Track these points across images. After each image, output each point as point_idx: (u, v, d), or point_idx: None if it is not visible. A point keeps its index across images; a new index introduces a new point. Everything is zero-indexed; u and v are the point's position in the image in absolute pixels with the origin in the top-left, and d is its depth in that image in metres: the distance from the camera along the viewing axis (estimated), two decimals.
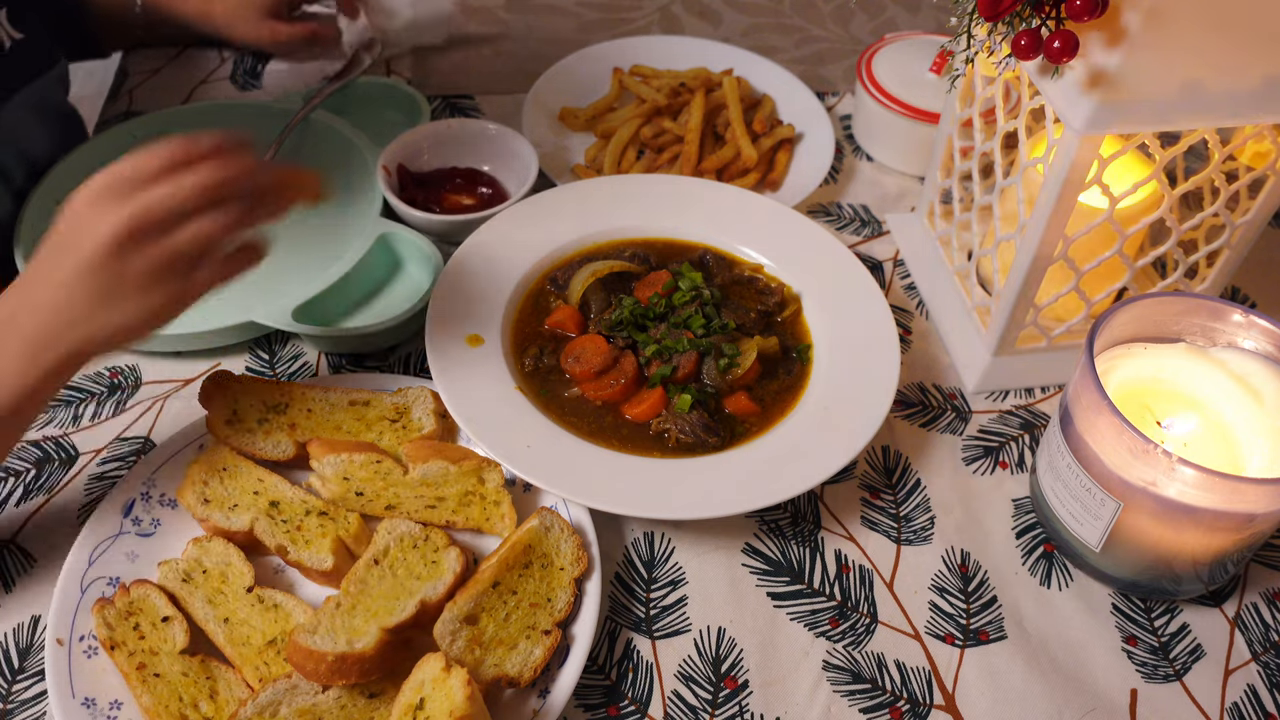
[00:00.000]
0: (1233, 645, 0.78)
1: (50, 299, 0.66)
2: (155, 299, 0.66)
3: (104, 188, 0.65)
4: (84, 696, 0.69)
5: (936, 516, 0.85)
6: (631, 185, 1.04)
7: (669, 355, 0.88)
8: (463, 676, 0.64)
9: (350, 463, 0.79)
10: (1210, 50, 0.72)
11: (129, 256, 0.65)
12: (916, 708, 0.74)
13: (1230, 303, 0.78)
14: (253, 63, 1.27)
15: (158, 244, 0.65)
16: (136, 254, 0.65)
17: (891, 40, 1.18)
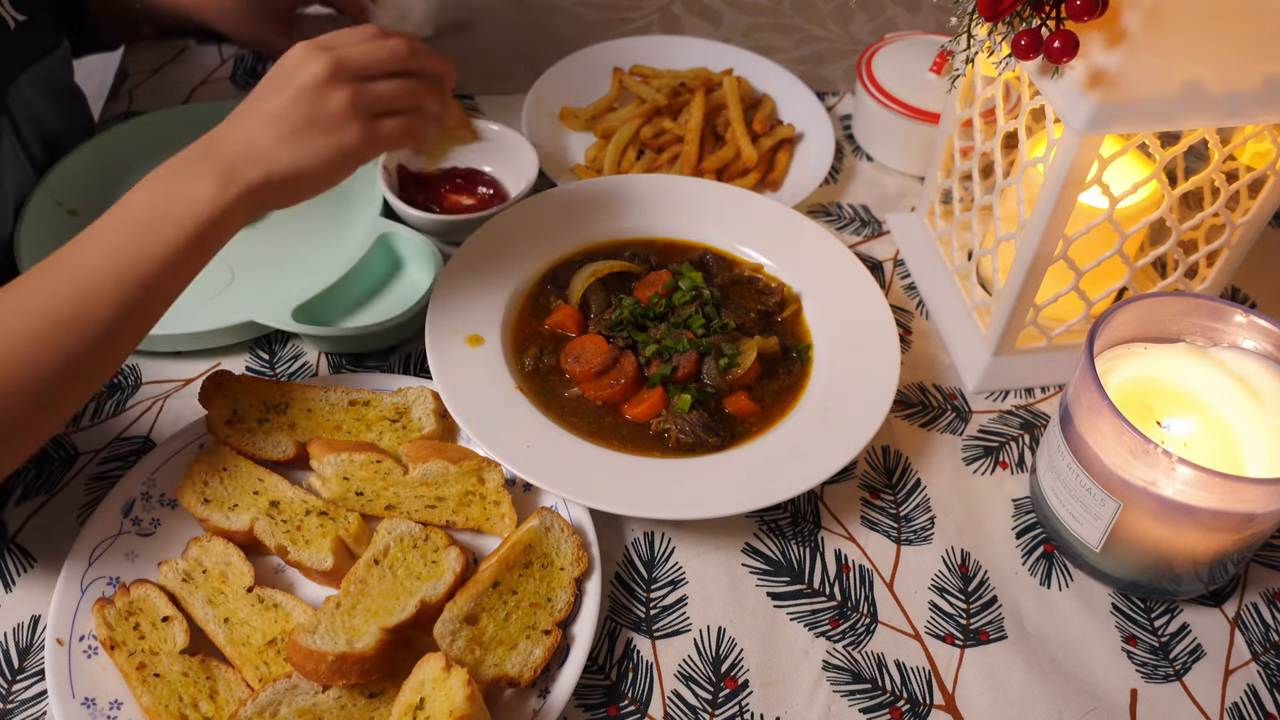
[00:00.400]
0: (1233, 645, 0.78)
1: (246, 131, 0.73)
2: (342, 137, 0.73)
3: (314, 44, 0.75)
4: (84, 696, 0.69)
5: (936, 516, 0.85)
6: (631, 185, 1.04)
7: (669, 355, 0.88)
8: (463, 676, 0.64)
9: (350, 463, 0.79)
10: (1210, 50, 0.72)
11: (327, 94, 0.73)
12: (916, 708, 0.74)
13: (1230, 303, 0.78)
14: (253, 62, 1.27)
15: (354, 86, 0.74)
16: (334, 92, 0.73)
17: (891, 40, 1.18)
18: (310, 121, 0.73)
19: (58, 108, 1.09)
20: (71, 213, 1.03)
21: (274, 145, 0.72)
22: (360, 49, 0.75)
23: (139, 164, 1.08)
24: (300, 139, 0.73)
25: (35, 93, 1.03)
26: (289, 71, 0.74)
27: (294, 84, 0.73)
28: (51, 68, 1.06)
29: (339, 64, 0.74)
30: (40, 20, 1.01)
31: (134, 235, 0.69)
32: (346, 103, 0.73)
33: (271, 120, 0.73)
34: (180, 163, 0.73)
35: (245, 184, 0.71)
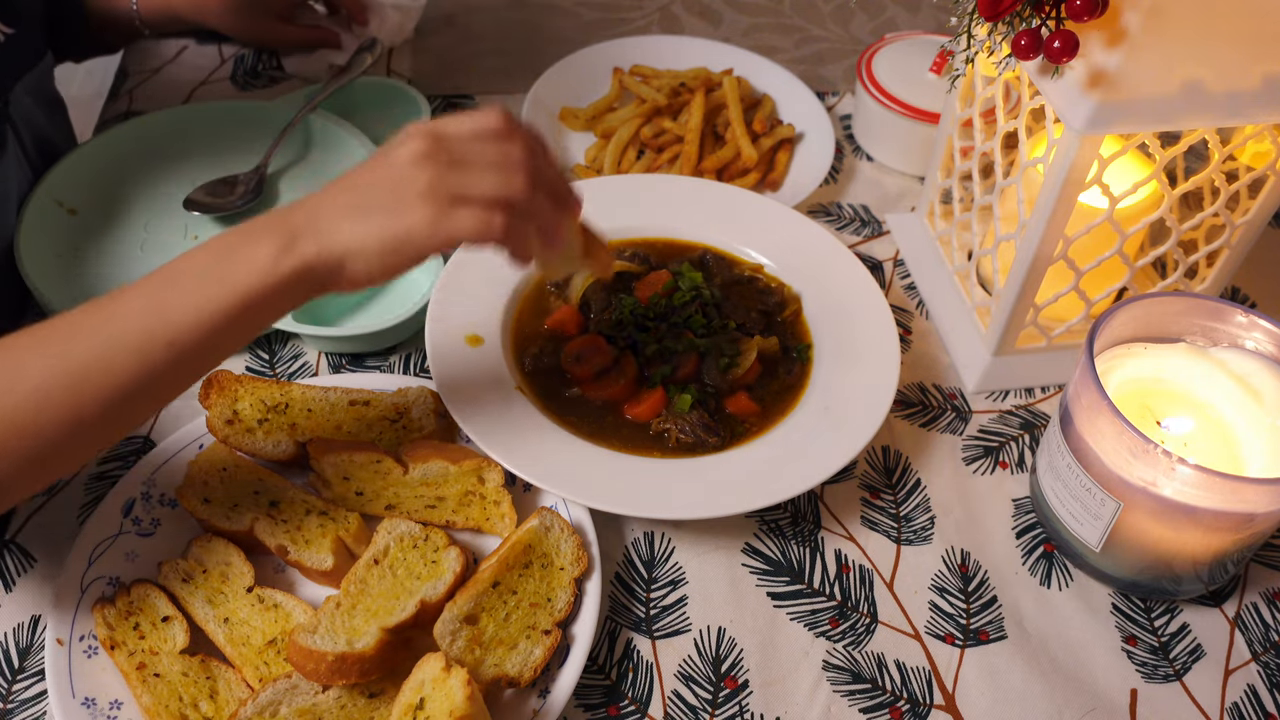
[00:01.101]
0: (1233, 645, 0.78)
1: (322, 199, 0.66)
2: (406, 218, 0.64)
3: (427, 123, 0.68)
4: (84, 696, 0.69)
5: (936, 516, 0.85)
6: (631, 185, 1.04)
7: (669, 355, 0.88)
8: (463, 676, 0.64)
9: (350, 463, 0.79)
10: (1210, 50, 0.72)
11: (412, 173, 0.65)
12: (916, 708, 0.74)
13: (1230, 303, 0.78)
14: (253, 62, 1.27)
15: (443, 168, 0.65)
16: (420, 171, 0.65)
17: (891, 40, 1.18)
18: (381, 197, 0.65)
19: (48, 115, 1.09)
20: (71, 212, 1.03)
21: (336, 218, 0.65)
22: (471, 138, 0.67)
23: (139, 164, 1.08)
24: (364, 214, 0.65)
25: (31, 101, 1.04)
26: (391, 145, 0.67)
27: (387, 157, 0.66)
28: (41, 76, 1.06)
29: (438, 143, 0.66)
30: (27, 31, 1.02)
31: (173, 290, 0.64)
32: (426, 183, 0.65)
33: (346, 189, 0.66)
34: (253, 223, 0.66)
35: (301, 258, 0.64)
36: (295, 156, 1.11)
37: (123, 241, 1.02)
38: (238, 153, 1.09)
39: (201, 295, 0.63)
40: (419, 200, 0.65)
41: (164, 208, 1.05)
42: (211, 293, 0.63)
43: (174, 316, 0.63)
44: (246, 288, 0.63)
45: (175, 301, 0.63)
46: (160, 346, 0.63)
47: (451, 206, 0.65)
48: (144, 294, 0.64)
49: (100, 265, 0.99)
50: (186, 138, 1.11)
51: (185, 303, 0.63)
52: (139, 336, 0.62)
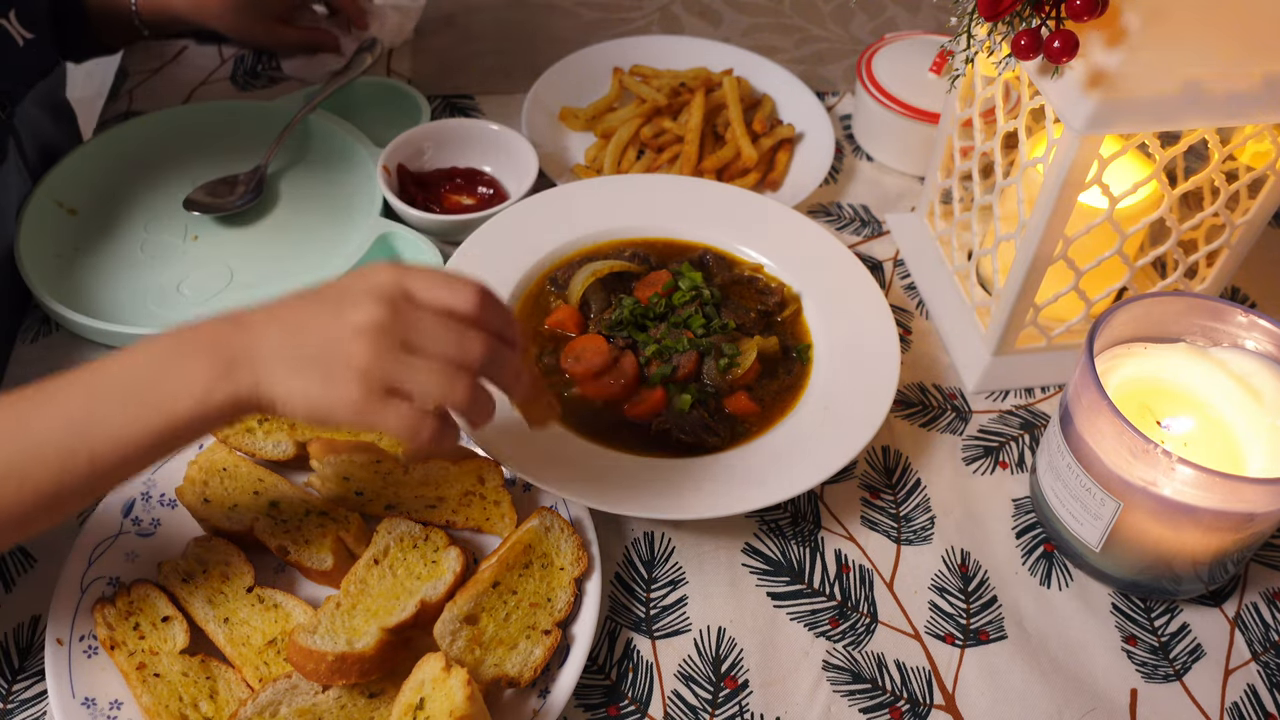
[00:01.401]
0: (1233, 645, 0.78)
1: (267, 330, 0.62)
2: (337, 392, 0.61)
3: (398, 281, 0.63)
4: (84, 696, 0.69)
5: (936, 516, 0.85)
6: (631, 185, 1.04)
7: (669, 355, 0.88)
8: (463, 676, 0.64)
9: (350, 463, 0.79)
10: (1210, 50, 0.72)
11: (354, 340, 0.61)
12: (916, 708, 0.74)
13: (1230, 303, 0.78)
14: (253, 63, 1.27)
15: (383, 349, 0.61)
16: (361, 344, 0.61)
17: (891, 40, 1.18)
18: (319, 357, 0.61)
19: (55, 125, 1.09)
20: (71, 212, 1.03)
21: (273, 361, 0.61)
22: (434, 317, 0.63)
23: (139, 164, 1.08)
24: (298, 368, 0.61)
25: (38, 110, 1.04)
26: (354, 289, 0.63)
27: (341, 307, 0.62)
28: (52, 85, 1.06)
29: (396, 316, 0.62)
30: (44, 37, 1.02)
31: (99, 407, 0.61)
32: (364, 362, 0.61)
33: (291, 329, 0.62)
34: (190, 338, 0.63)
35: (234, 391, 0.61)
36: (295, 156, 1.11)
37: (123, 241, 1.02)
38: (238, 153, 1.09)
39: (127, 416, 0.61)
40: (352, 379, 0.61)
41: (164, 208, 1.05)
42: (139, 415, 0.61)
43: (97, 434, 0.60)
44: (175, 413, 0.61)
45: (100, 419, 0.61)
46: (81, 463, 0.60)
47: (384, 397, 0.61)
48: (66, 407, 0.61)
49: (100, 265, 0.99)
50: (186, 138, 1.11)
51: (110, 423, 0.61)
52: (58, 451, 0.60)
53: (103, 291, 0.97)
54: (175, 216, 1.04)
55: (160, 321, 0.94)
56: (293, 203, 1.07)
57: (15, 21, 0.97)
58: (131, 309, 0.95)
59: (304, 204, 1.07)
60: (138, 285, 0.98)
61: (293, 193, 1.08)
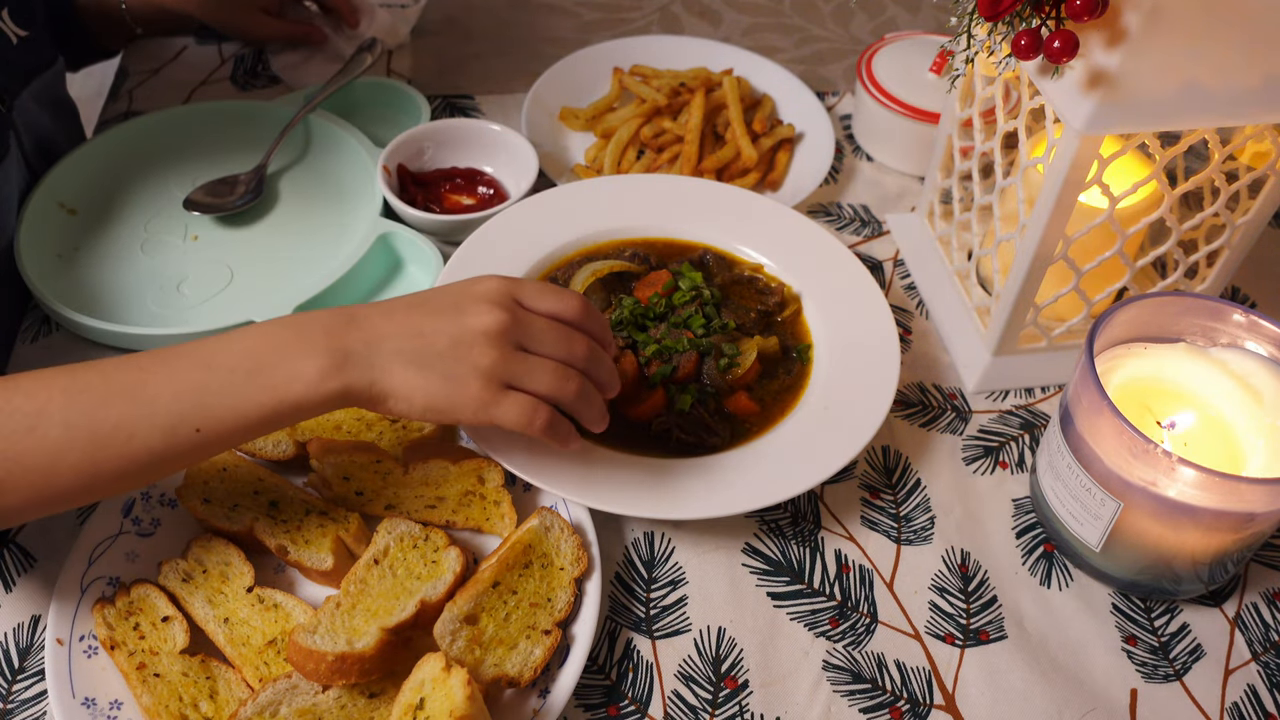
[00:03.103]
0: (1233, 645, 0.78)
1: (385, 328, 0.68)
2: (457, 391, 0.67)
3: (508, 289, 0.70)
4: (84, 696, 0.69)
5: (936, 516, 0.85)
6: (631, 185, 1.04)
7: (669, 355, 0.88)
8: (463, 676, 0.64)
9: (350, 463, 0.79)
10: (1210, 50, 0.72)
11: (479, 346, 0.67)
12: (916, 708, 0.74)
13: (1230, 303, 0.78)
14: (253, 63, 1.27)
15: (508, 351, 0.68)
16: (487, 348, 0.68)
17: (891, 40, 1.18)
18: (443, 358, 0.67)
19: (56, 122, 1.09)
20: (71, 212, 1.03)
21: (394, 360, 0.67)
22: (545, 321, 0.70)
23: (139, 164, 1.08)
24: (421, 368, 0.67)
25: (37, 107, 1.04)
26: (469, 295, 0.69)
27: (462, 313, 0.68)
28: (51, 82, 1.06)
29: (514, 320, 0.69)
30: (39, 35, 1.02)
31: (212, 384, 0.64)
32: (489, 364, 0.67)
33: (412, 334, 0.67)
34: (308, 327, 0.67)
35: (347, 382, 0.66)
36: (295, 156, 1.11)
37: (123, 241, 1.02)
38: (238, 153, 1.09)
39: (240, 396, 0.64)
40: (476, 378, 0.67)
41: (164, 208, 1.05)
42: (251, 395, 0.65)
43: (208, 408, 0.64)
44: (285, 397, 0.65)
45: (213, 393, 0.64)
46: (188, 430, 0.64)
47: (503, 392, 0.68)
48: (181, 377, 0.65)
49: (100, 265, 0.99)
50: (186, 138, 1.11)
51: (222, 398, 0.64)
52: (169, 417, 0.64)
53: (103, 291, 0.97)
54: (175, 216, 1.04)
55: (160, 321, 0.94)
56: (293, 203, 1.07)
57: (9, 19, 0.97)
58: (131, 309, 0.95)
59: (304, 204, 1.07)
60: (138, 285, 0.98)
61: (293, 193, 1.08)
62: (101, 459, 0.63)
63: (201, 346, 0.66)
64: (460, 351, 0.67)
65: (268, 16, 1.22)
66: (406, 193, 1.05)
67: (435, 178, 1.08)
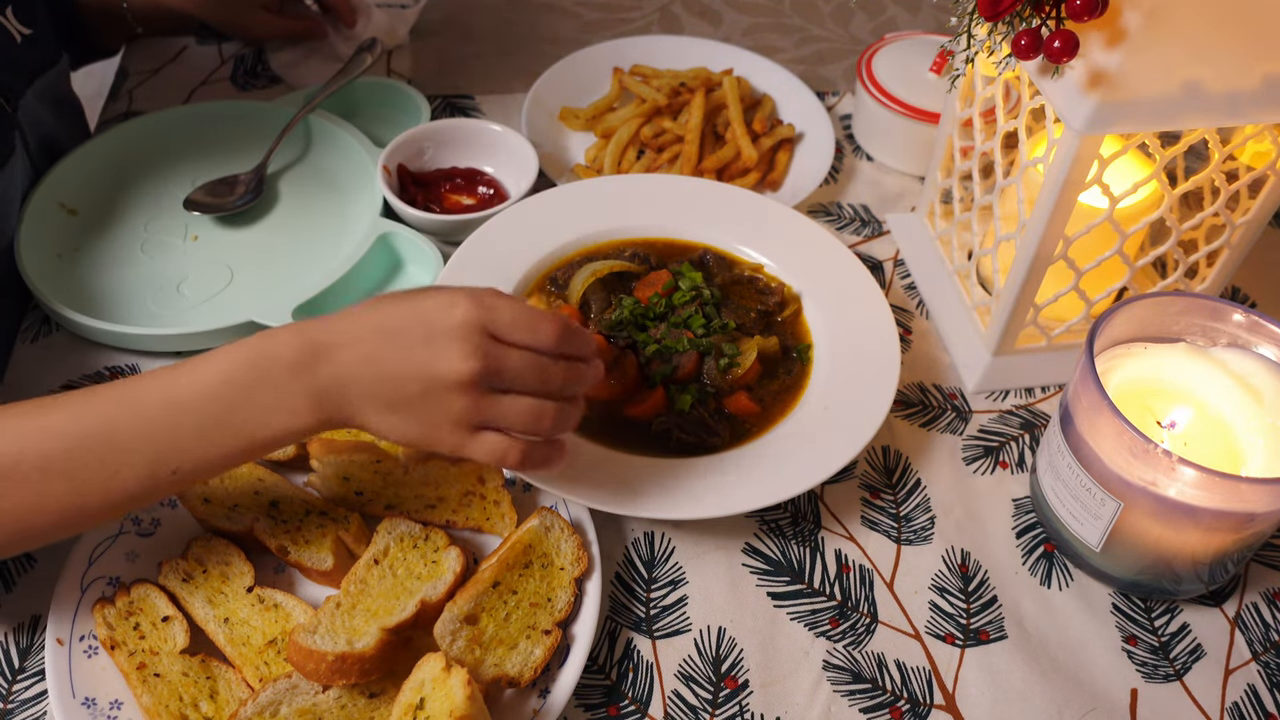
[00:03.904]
0: (1233, 645, 0.78)
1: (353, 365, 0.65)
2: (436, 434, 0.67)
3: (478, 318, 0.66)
4: (84, 696, 0.69)
5: (936, 516, 0.85)
6: (631, 185, 1.04)
7: (669, 355, 0.88)
8: (463, 676, 0.64)
9: (350, 463, 0.79)
10: (1210, 50, 0.72)
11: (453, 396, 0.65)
12: (916, 708, 0.74)
13: (1230, 303, 0.78)
14: (253, 63, 1.27)
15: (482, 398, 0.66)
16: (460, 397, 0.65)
17: (891, 40, 1.18)
18: (414, 404, 0.66)
19: (60, 120, 1.09)
20: (71, 212, 1.03)
21: (366, 404, 0.66)
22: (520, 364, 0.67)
23: (139, 164, 1.08)
24: (394, 412, 0.66)
25: (41, 105, 1.04)
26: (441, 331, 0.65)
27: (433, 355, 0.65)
28: (55, 80, 1.06)
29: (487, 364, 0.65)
30: (43, 33, 1.02)
31: (184, 427, 0.64)
32: (461, 411, 0.66)
33: (383, 377, 0.65)
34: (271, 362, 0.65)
35: (323, 418, 0.66)
36: (295, 156, 1.11)
37: (123, 241, 1.02)
38: (238, 153, 1.09)
39: (213, 441, 0.65)
40: (449, 424, 0.66)
41: (164, 208, 1.05)
42: (224, 440, 0.65)
43: (184, 451, 0.65)
44: (258, 437, 0.65)
45: (186, 437, 0.64)
46: (166, 472, 0.65)
47: (476, 434, 0.67)
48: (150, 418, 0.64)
49: (100, 265, 0.99)
50: (186, 138, 1.11)
51: (196, 442, 0.65)
52: (145, 462, 0.64)
53: (103, 291, 0.97)
54: (175, 216, 1.04)
55: (160, 321, 0.94)
56: (293, 203, 1.07)
57: (12, 18, 0.97)
58: (131, 309, 0.95)
59: (304, 204, 1.07)
60: (138, 285, 0.98)
61: (293, 193, 1.08)
62: (83, 500, 0.64)
63: (166, 383, 0.65)
64: (431, 400, 0.65)
65: (268, 14, 1.22)
66: (406, 193, 1.05)
67: (435, 178, 1.08)
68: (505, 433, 0.68)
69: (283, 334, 0.66)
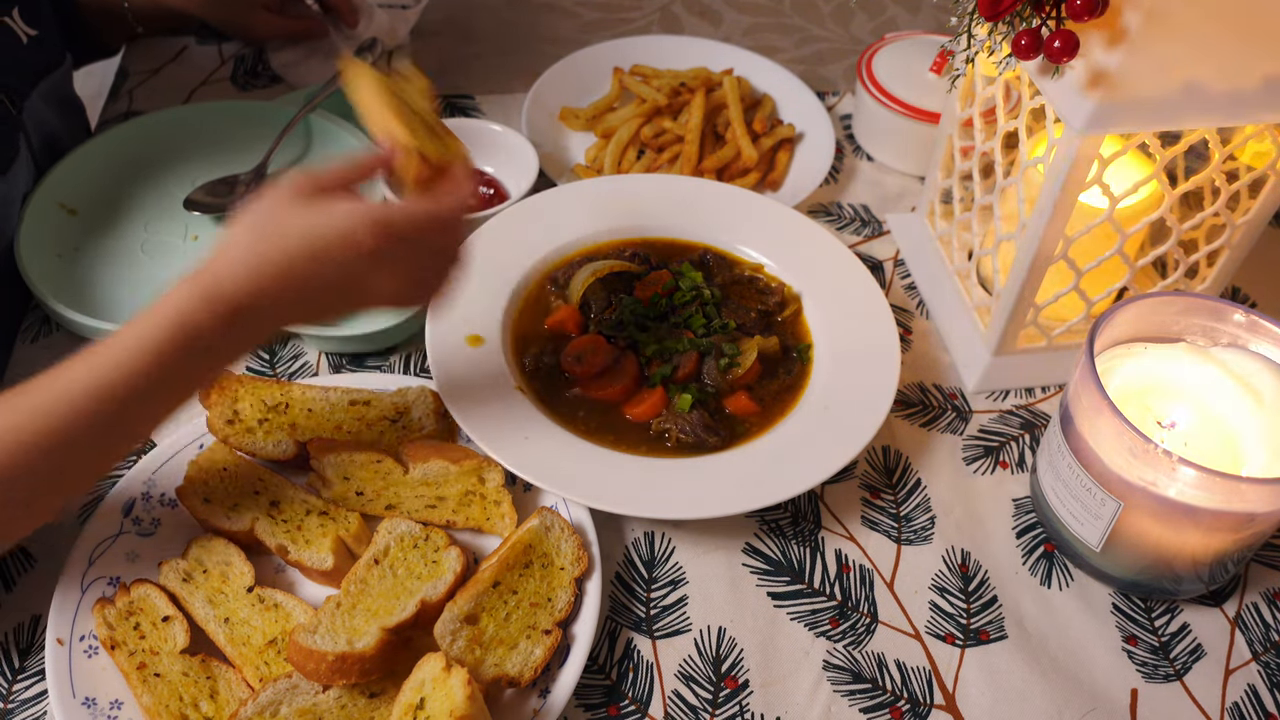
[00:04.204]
0: (1233, 645, 0.78)
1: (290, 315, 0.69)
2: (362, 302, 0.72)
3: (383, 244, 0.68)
4: (84, 696, 0.69)
5: (937, 516, 0.85)
6: (631, 185, 1.04)
7: (669, 355, 0.88)
8: (463, 676, 0.64)
9: (350, 462, 0.79)
10: (1210, 50, 0.72)
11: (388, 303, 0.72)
12: (917, 708, 0.74)
13: (1230, 303, 0.78)
14: (253, 63, 1.27)
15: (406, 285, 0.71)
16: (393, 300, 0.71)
17: (892, 40, 1.18)
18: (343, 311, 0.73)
19: (63, 120, 1.10)
20: (71, 212, 1.03)
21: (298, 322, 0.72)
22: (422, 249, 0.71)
23: (139, 164, 1.08)
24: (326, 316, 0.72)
25: (45, 107, 1.04)
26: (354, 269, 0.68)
27: (364, 291, 0.70)
28: (59, 80, 1.07)
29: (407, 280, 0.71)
30: (48, 34, 1.02)
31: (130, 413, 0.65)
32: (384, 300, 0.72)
33: (311, 314, 0.70)
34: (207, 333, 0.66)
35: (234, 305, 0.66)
36: (295, 156, 1.11)
37: (123, 241, 1.02)
38: (238, 153, 1.09)
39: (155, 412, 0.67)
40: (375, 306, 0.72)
41: (164, 208, 1.05)
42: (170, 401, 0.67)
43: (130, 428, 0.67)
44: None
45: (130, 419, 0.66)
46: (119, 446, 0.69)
47: None
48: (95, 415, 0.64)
49: (100, 265, 0.99)
50: (186, 138, 1.11)
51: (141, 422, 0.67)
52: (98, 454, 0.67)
53: (103, 291, 0.97)
54: (175, 216, 1.04)
55: None
56: None
57: (18, 19, 0.97)
58: (132, 309, 0.95)
59: None
60: (138, 285, 0.98)
61: None
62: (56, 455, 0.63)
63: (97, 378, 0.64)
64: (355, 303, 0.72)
65: (269, 14, 1.22)
66: None
67: None
68: None
69: (198, 304, 0.65)
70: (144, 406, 0.66)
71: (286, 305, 0.68)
